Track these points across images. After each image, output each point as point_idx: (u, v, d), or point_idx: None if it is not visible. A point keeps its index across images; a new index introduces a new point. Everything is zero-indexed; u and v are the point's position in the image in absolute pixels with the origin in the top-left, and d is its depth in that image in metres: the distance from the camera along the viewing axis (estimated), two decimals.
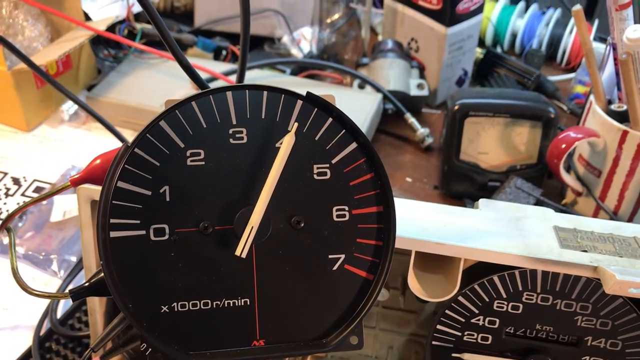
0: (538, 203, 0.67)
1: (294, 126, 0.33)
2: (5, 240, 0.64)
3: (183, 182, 0.32)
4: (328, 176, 0.34)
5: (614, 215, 0.66)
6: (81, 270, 0.61)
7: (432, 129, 0.82)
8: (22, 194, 0.71)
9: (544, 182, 0.71)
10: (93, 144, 0.79)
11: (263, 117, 0.34)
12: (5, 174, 0.74)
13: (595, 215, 0.68)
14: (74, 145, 0.79)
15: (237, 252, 0.31)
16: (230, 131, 0.33)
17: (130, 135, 0.77)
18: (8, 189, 0.72)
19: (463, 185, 0.72)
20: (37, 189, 0.72)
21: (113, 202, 0.31)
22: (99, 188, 0.33)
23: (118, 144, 0.59)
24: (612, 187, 0.65)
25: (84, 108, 0.65)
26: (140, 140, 0.32)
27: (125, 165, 0.32)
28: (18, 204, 0.70)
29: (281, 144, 0.33)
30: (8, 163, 0.76)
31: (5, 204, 0.70)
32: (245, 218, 0.32)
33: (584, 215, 0.68)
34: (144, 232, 0.32)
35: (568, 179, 0.67)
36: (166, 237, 0.32)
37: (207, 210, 0.33)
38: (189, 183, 0.32)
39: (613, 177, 0.64)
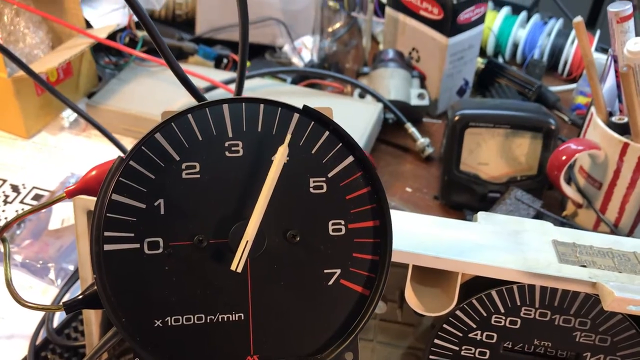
0: (538, 215, 0.67)
1: (286, 138, 0.33)
2: (2, 249, 0.63)
3: (178, 195, 0.32)
4: (324, 190, 0.34)
5: (614, 228, 0.65)
6: (78, 280, 0.61)
7: (433, 139, 0.82)
8: (21, 202, 0.71)
9: (544, 193, 0.71)
10: (93, 152, 0.79)
11: (259, 130, 0.33)
12: (4, 181, 0.74)
13: (595, 227, 0.67)
14: (73, 152, 0.79)
15: (233, 267, 0.31)
16: (226, 144, 0.33)
17: (130, 144, 0.77)
18: (7, 196, 0.72)
19: (463, 196, 0.71)
20: (36, 197, 0.72)
21: (107, 214, 0.31)
22: (95, 199, 0.33)
23: (118, 153, 0.60)
24: (613, 200, 0.64)
25: (83, 116, 0.65)
26: (135, 153, 0.32)
27: (120, 178, 0.32)
28: (17, 211, 0.70)
29: None
30: (7, 170, 0.76)
31: (3, 211, 0.70)
32: (240, 232, 0.32)
33: (584, 228, 0.68)
34: (138, 245, 0.31)
35: (568, 190, 0.67)
36: (160, 250, 0.32)
37: (201, 223, 0.32)
38: (184, 196, 0.32)
39: (614, 189, 0.64)
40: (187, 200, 0.32)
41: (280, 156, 0.32)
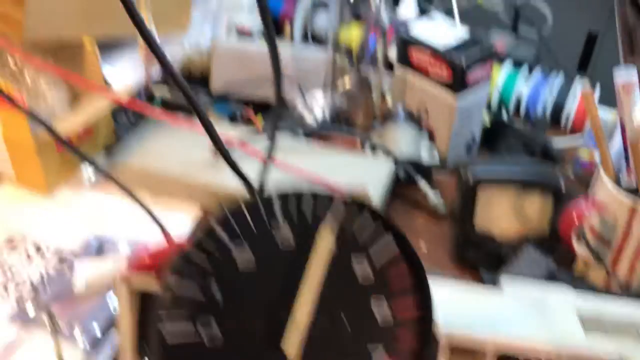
0: (551, 273, 0.68)
1: (329, 228, 0.35)
2: (31, 313, 0.65)
3: (235, 288, 0.34)
4: (369, 274, 0.36)
5: (625, 287, 0.67)
6: (106, 343, 0.62)
7: (443, 194, 0.84)
8: (43, 259, 0.72)
9: (556, 250, 0.73)
10: (113, 208, 0.80)
11: (310, 221, 0.35)
12: (25, 238, 0.75)
13: (606, 285, 0.69)
14: (94, 209, 0.80)
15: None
16: (278, 235, 0.35)
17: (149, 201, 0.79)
18: (29, 255, 0.73)
19: (477, 254, 0.73)
20: (57, 254, 0.73)
21: (168, 310, 0.33)
22: (140, 277, 0.34)
23: (140, 211, 0.60)
24: (623, 259, 0.67)
25: (108, 176, 0.66)
26: (195, 244, 0.34)
27: (177, 274, 0.33)
28: (40, 270, 0.71)
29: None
30: (28, 227, 0.77)
31: (24, 269, 0.71)
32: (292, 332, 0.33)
33: (595, 285, 0.70)
34: (198, 340, 0.33)
35: (579, 249, 0.69)
36: (218, 342, 0.33)
37: (256, 314, 0.34)
38: (240, 288, 0.34)
39: (623, 249, 0.66)
40: (243, 292, 0.34)
41: (324, 248, 0.34)
